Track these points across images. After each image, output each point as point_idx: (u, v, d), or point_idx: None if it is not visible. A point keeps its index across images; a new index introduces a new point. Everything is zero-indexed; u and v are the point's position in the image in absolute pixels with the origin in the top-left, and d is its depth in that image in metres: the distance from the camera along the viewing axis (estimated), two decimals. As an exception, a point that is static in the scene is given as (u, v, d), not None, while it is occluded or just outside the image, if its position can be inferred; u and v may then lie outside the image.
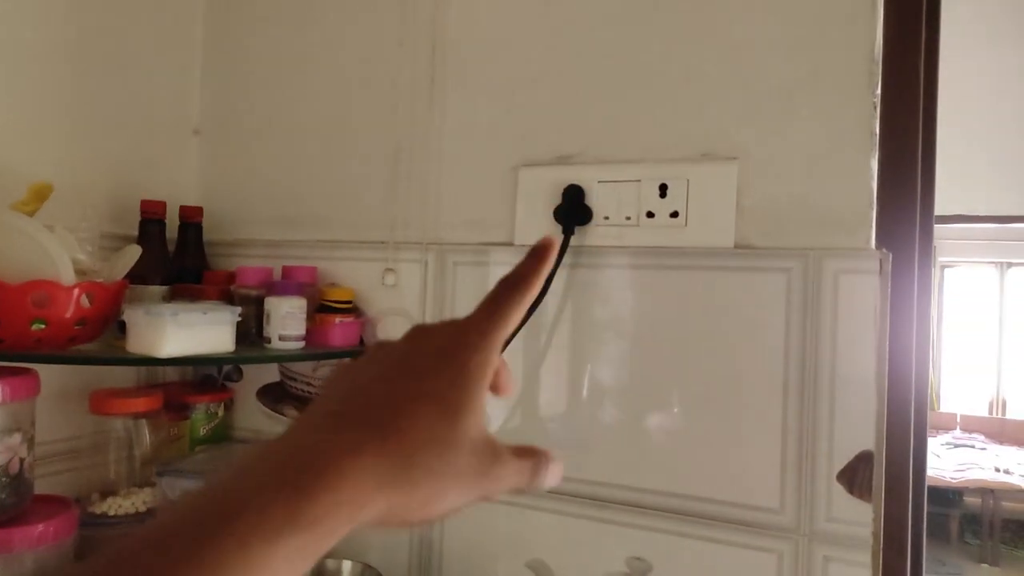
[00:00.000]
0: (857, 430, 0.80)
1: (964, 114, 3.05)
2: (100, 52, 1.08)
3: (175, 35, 1.20)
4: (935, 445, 4.84)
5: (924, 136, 0.82)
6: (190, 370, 1.20)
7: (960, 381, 5.15)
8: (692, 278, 0.89)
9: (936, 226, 0.90)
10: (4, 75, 0.96)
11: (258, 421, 1.15)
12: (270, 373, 1.15)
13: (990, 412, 5.14)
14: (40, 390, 0.90)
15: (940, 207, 0.89)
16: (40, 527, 0.86)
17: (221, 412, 1.14)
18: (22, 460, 0.87)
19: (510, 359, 0.96)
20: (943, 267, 5.01)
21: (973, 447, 4.79)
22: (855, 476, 0.80)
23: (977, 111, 3.50)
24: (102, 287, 0.88)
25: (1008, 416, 5.08)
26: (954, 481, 4.31)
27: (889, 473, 0.81)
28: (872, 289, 0.80)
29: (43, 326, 0.83)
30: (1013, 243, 4.83)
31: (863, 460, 0.80)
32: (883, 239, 0.82)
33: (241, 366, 1.17)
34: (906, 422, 0.81)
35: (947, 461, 4.53)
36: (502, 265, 0.99)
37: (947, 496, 4.47)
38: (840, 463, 0.81)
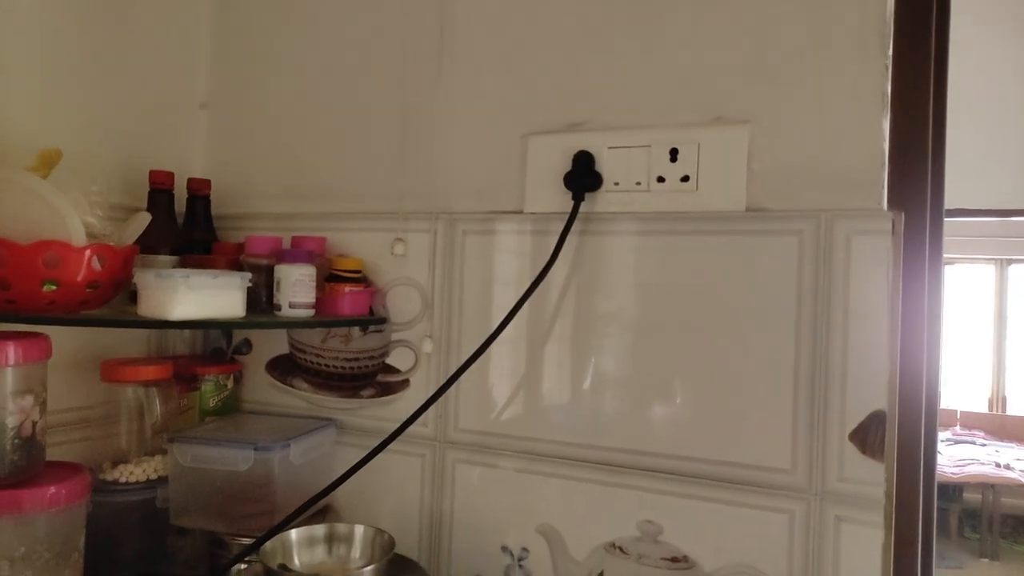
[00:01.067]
0: (869, 390, 0.80)
1: (965, 107, 3.05)
2: (110, 25, 1.08)
3: (183, 10, 1.20)
4: (935, 440, 4.83)
5: (935, 97, 0.82)
6: (199, 342, 1.20)
7: (961, 378, 5.16)
8: (703, 242, 0.89)
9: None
10: (16, 47, 0.96)
11: (267, 394, 1.15)
12: (279, 346, 1.14)
13: (990, 409, 5.15)
14: (52, 354, 0.90)
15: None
16: (52, 489, 0.85)
17: (231, 384, 1.14)
18: (34, 423, 0.87)
19: (520, 328, 0.96)
20: (944, 264, 5.03)
21: (973, 443, 4.80)
22: (867, 436, 0.80)
23: (977, 104, 3.51)
24: (113, 250, 0.88)
25: (1008, 412, 5.09)
26: (954, 476, 4.31)
27: (902, 434, 0.82)
28: (884, 250, 0.80)
29: (54, 287, 0.83)
30: (1013, 240, 4.84)
31: (876, 420, 0.80)
32: (895, 200, 0.82)
33: (250, 339, 1.17)
34: (918, 382, 0.82)
35: (947, 457, 4.54)
36: (511, 234, 0.99)
37: (947, 491, 4.48)
38: (852, 423, 0.81)
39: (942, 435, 4.98)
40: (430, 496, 1.03)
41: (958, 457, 4.58)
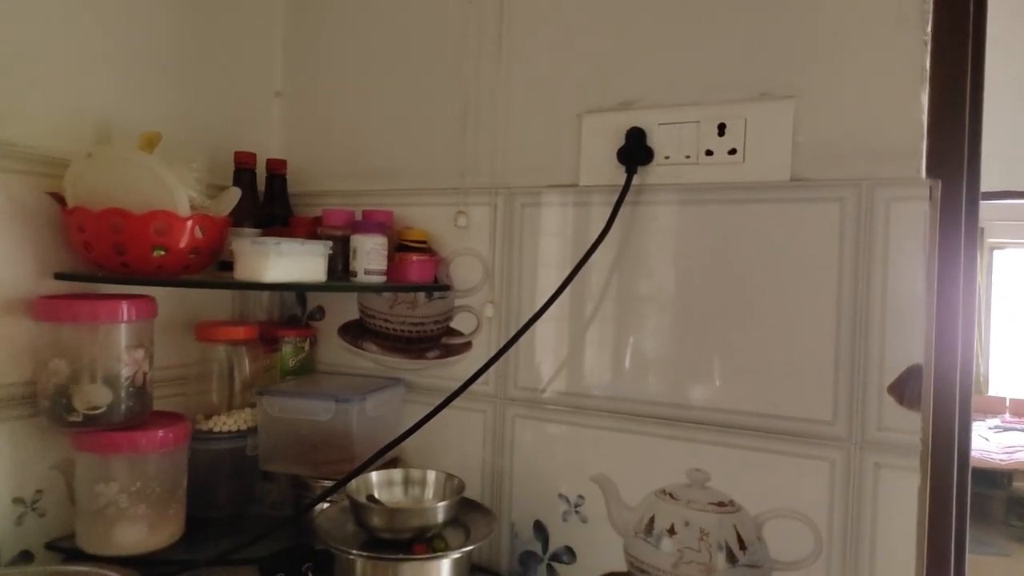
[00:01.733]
0: (907, 346, 0.86)
1: (1007, 86, 3.00)
2: (198, 24, 1.19)
3: (259, 8, 1.31)
4: (983, 428, 4.78)
5: (973, 70, 0.87)
6: (277, 310, 1.30)
7: (1011, 365, 5.07)
8: (749, 211, 0.95)
9: (982, 203, 0.93)
10: (119, 43, 1.07)
11: (340, 356, 1.25)
12: (350, 312, 1.24)
13: (1040, 397, 5.05)
14: (158, 314, 1.01)
15: (984, 184, 0.92)
16: (161, 433, 0.97)
17: (307, 347, 1.24)
18: (144, 374, 0.98)
19: (577, 293, 1.03)
20: (991, 248, 4.93)
21: (1022, 430, 4.72)
22: (905, 388, 0.86)
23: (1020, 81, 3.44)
24: (212, 220, 0.98)
25: (1059, 400, 4.99)
26: (1003, 463, 4.26)
27: (937, 386, 0.87)
28: (922, 214, 0.85)
29: (163, 253, 0.94)
30: (1065, 221, 4.72)
31: (913, 373, 0.85)
32: (933, 169, 0.87)
33: (323, 306, 1.27)
34: (954, 337, 0.87)
35: (995, 444, 4.48)
36: (567, 206, 1.06)
37: (995, 479, 4.42)
38: (891, 377, 0.87)
39: (990, 422, 4.91)
40: (491, 448, 1.11)
41: (1006, 444, 4.51)
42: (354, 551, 0.86)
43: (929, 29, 0.86)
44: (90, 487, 0.95)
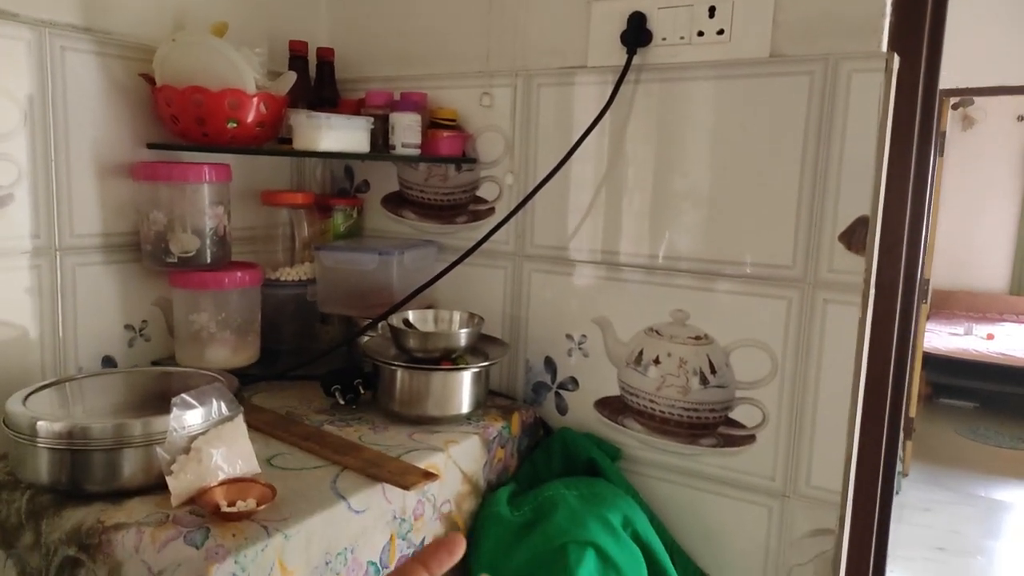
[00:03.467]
0: (857, 199, 1.00)
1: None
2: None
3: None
4: (1017, 330, 4.82)
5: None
6: (329, 183, 1.50)
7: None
8: (733, 85, 1.09)
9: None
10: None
11: (382, 223, 1.45)
12: (391, 185, 1.43)
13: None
14: (232, 179, 1.22)
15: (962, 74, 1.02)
16: (239, 274, 1.19)
17: (355, 215, 1.44)
18: (225, 227, 1.20)
19: (584, 163, 1.18)
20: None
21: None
22: (853, 236, 1.01)
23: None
24: (274, 98, 1.16)
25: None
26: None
27: (884, 237, 1.02)
28: (878, 84, 0.98)
29: (235, 125, 1.13)
30: None
31: (860, 223, 1.00)
32: (894, 44, 0.99)
33: (368, 180, 1.46)
34: (904, 194, 1.01)
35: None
36: (577, 85, 1.21)
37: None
38: (842, 227, 1.02)
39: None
40: (511, 298, 1.31)
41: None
42: (395, 363, 1.08)
43: (897, -87, 0.96)
44: (185, 316, 1.18)
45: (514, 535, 1.02)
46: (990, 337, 4.74)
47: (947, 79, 1.01)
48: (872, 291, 1.02)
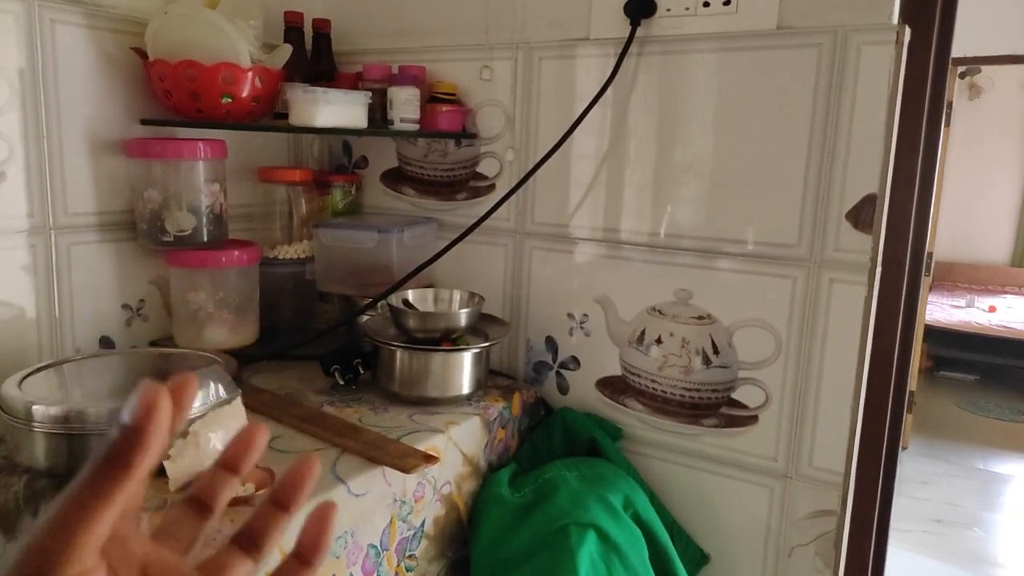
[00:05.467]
0: (865, 177, 0.98)
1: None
2: None
3: None
4: (1019, 303, 4.81)
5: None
6: (327, 159, 1.48)
7: None
8: (739, 58, 1.06)
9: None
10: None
11: (381, 199, 1.43)
12: (389, 160, 1.41)
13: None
14: (228, 155, 1.20)
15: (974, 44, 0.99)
16: (236, 252, 1.17)
17: (354, 192, 1.42)
18: (220, 204, 1.18)
19: (585, 140, 1.16)
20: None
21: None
22: (860, 214, 0.99)
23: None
24: (269, 72, 1.13)
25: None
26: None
27: (892, 213, 1.00)
28: (888, 57, 0.95)
29: (230, 100, 1.10)
30: None
31: (868, 201, 0.98)
32: (905, 17, 0.96)
33: (367, 156, 1.43)
34: (912, 170, 0.99)
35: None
36: (580, 58, 1.18)
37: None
38: (849, 204, 1.00)
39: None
40: (512, 276, 1.30)
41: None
42: (395, 343, 1.07)
43: None
44: (183, 295, 1.17)
45: (515, 516, 1.01)
46: (992, 309, 4.73)
47: (954, 47, 0.98)
48: (879, 270, 1.01)
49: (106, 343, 1.16)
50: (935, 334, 4.47)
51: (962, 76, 4.98)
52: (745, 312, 1.09)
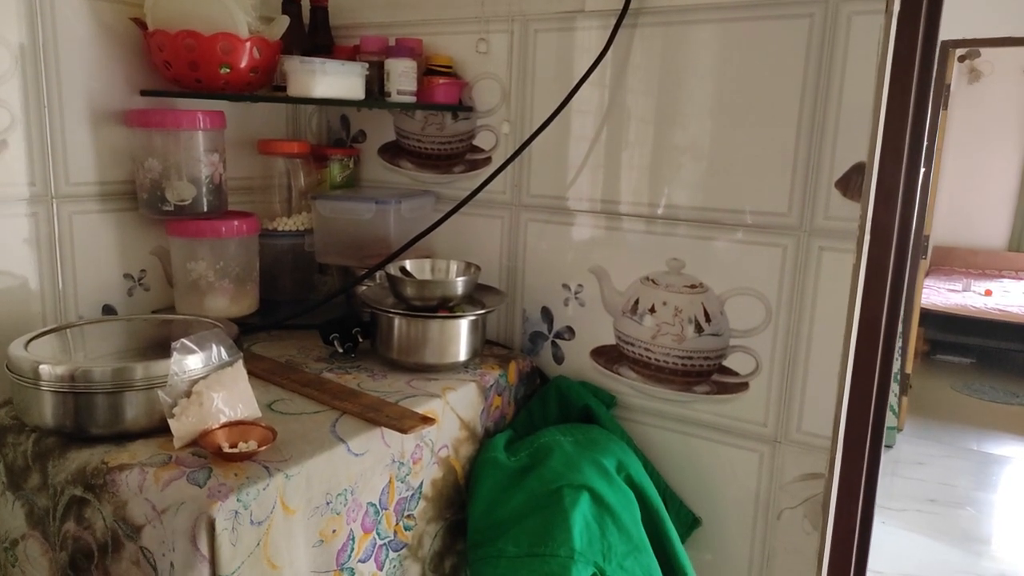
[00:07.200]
0: (854, 145, 1.00)
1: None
2: None
3: None
4: (1015, 287, 4.84)
5: None
6: (325, 133, 1.49)
7: None
8: (733, 28, 1.07)
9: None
10: None
11: (379, 173, 1.44)
12: (387, 134, 1.42)
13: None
14: (227, 126, 1.21)
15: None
16: (236, 222, 1.19)
17: (352, 165, 1.43)
18: (220, 175, 1.20)
19: (583, 110, 1.16)
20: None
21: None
22: (849, 182, 1.01)
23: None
24: (267, 42, 1.14)
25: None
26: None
27: (881, 182, 1.02)
28: (877, 27, 0.96)
29: (228, 70, 1.11)
30: None
31: (857, 169, 1.00)
32: (896, -15, 0.97)
33: (364, 130, 1.45)
34: (901, 137, 1.00)
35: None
36: (575, 30, 1.19)
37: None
38: (839, 173, 1.01)
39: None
40: (508, 248, 1.31)
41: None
42: (393, 311, 1.09)
43: None
44: (183, 265, 1.19)
45: (511, 479, 1.04)
46: (988, 293, 4.75)
47: (953, 29, 0.99)
48: (867, 238, 1.02)
49: (109, 312, 1.18)
50: (932, 318, 4.49)
51: (961, 60, 4.97)
52: (737, 281, 1.11)
